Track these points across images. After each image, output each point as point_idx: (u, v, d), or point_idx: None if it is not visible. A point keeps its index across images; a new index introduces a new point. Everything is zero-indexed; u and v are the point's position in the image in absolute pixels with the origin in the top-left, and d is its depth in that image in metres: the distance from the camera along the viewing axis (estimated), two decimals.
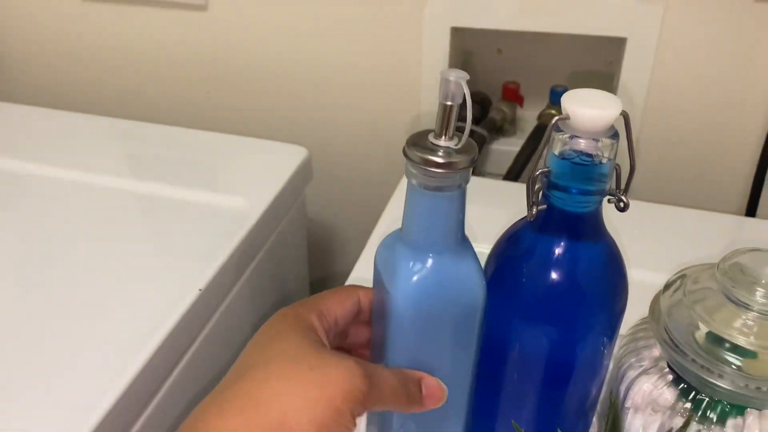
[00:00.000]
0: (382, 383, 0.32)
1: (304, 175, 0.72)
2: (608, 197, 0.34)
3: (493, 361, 0.39)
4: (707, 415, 0.36)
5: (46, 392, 0.45)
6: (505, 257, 0.37)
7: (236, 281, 0.61)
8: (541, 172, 0.33)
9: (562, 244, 0.35)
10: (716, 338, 0.36)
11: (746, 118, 0.69)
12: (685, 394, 0.37)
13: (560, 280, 0.35)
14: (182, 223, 0.62)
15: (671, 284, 0.39)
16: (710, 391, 0.36)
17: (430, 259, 0.33)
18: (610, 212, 0.36)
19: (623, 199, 0.34)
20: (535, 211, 0.34)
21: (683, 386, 0.37)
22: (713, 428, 0.36)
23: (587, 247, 0.36)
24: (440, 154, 0.31)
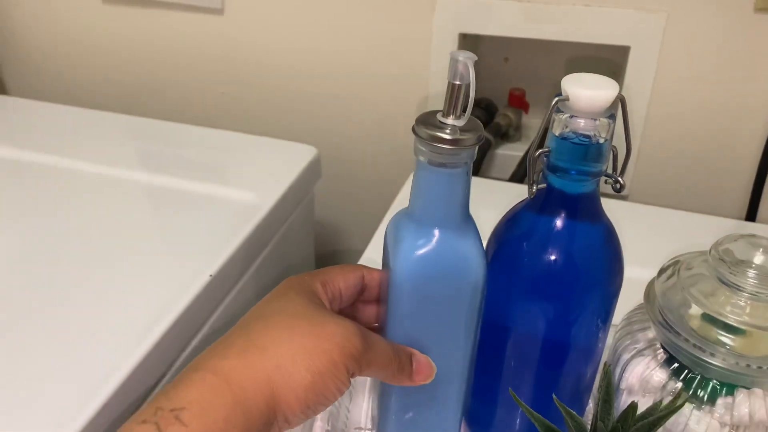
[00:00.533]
0: (376, 347, 0.34)
1: (313, 173, 0.74)
2: (605, 179, 0.36)
3: (491, 341, 0.40)
4: (698, 394, 0.37)
5: (62, 366, 0.47)
6: (505, 237, 0.38)
7: (244, 272, 0.62)
8: (541, 152, 0.35)
9: (560, 223, 0.36)
10: (710, 319, 0.37)
11: (746, 124, 0.71)
12: (676, 373, 0.38)
13: (558, 258, 0.37)
14: (194, 215, 0.63)
15: (665, 269, 0.40)
16: (702, 369, 0.37)
17: (432, 233, 0.34)
18: (611, 214, 0.38)
19: (619, 180, 0.36)
20: (535, 189, 0.36)
21: (675, 366, 0.38)
22: (704, 407, 0.37)
23: (585, 227, 0.37)
24: (447, 131, 0.32)
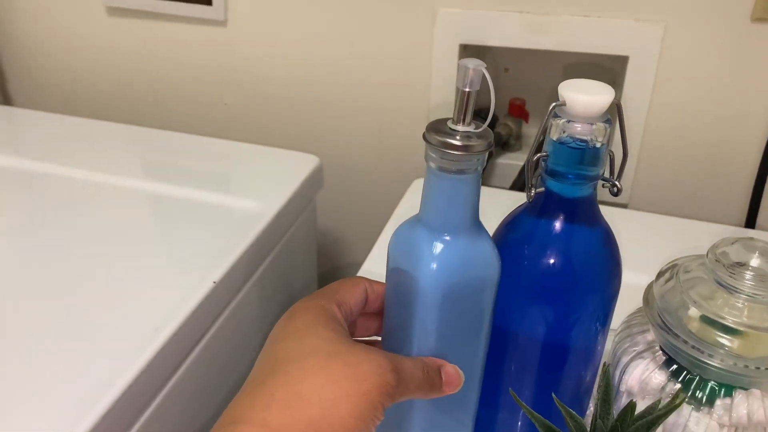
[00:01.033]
0: (408, 377, 0.34)
1: (315, 182, 0.74)
2: (602, 182, 0.37)
3: (492, 343, 0.40)
4: (696, 395, 0.38)
5: (67, 371, 0.47)
6: (505, 241, 0.39)
7: (247, 279, 0.63)
8: (539, 156, 0.36)
9: (558, 227, 0.37)
10: (708, 320, 0.38)
11: (745, 132, 0.71)
12: (675, 375, 0.38)
13: (557, 261, 0.37)
14: (198, 224, 0.64)
15: (664, 273, 0.41)
16: (700, 370, 0.37)
17: (450, 240, 0.35)
18: (611, 221, 0.38)
19: (617, 184, 0.36)
20: (533, 193, 0.36)
21: (674, 368, 0.39)
22: (702, 408, 0.37)
23: (583, 230, 0.38)
24: (458, 138, 0.33)
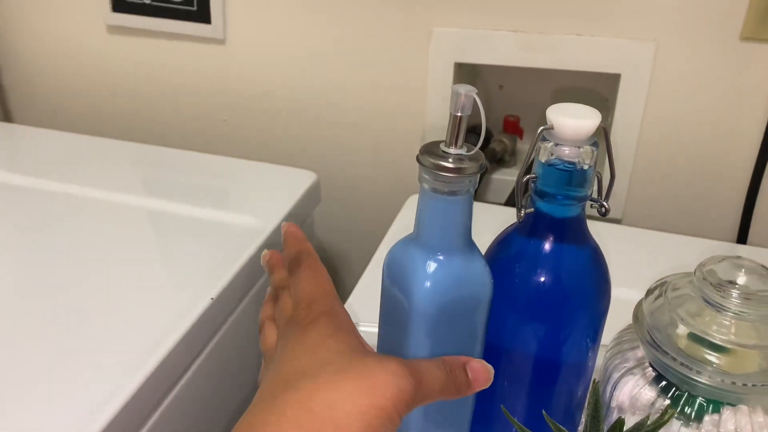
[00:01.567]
0: (429, 379, 0.33)
1: (312, 198, 0.75)
2: (590, 203, 0.37)
3: (485, 360, 0.41)
4: (685, 411, 0.38)
5: (62, 393, 0.47)
6: (496, 259, 0.40)
7: (245, 296, 0.63)
8: (528, 178, 0.37)
9: (548, 246, 0.38)
10: (696, 338, 0.38)
11: (735, 148, 0.72)
12: (665, 391, 0.39)
13: (547, 279, 0.38)
14: (196, 240, 0.65)
15: (653, 290, 0.42)
16: (689, 387, 0.38)
17: (443, 259, 0.36)
18: (604, 237, 0.39)
19: (604, 204, 0.37)
20: (523, 213, 0.37)
21: (663, 384, 0.39)
22: (691, 424, 0.38)
23: (572, 249, 0.38)
24: (450, 160, 0.34)
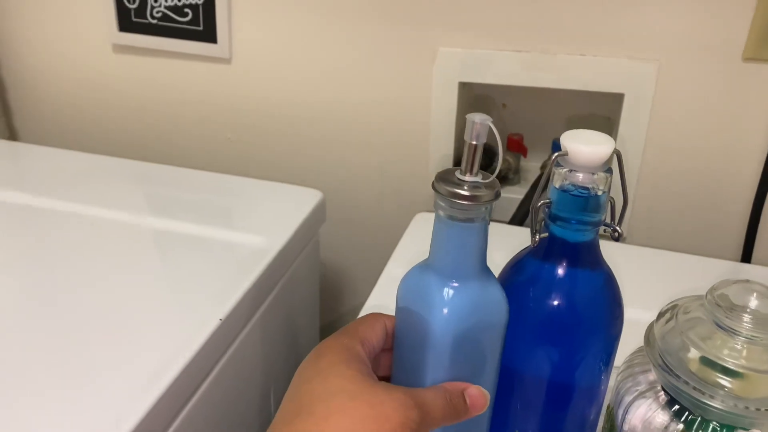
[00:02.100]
0: (431, 409, 0.35)
1: (318, 216, 0.75)
2: (603, 228, 0.38)
3: (499, 383, 0.41)
4: None
5: (69, 418, 0.47)
6: (510, 283, 0.40)
7: (252, 315, 0.63)
8: (543, 203, 0.37)
9: (562, 271, 0.38)
10: (708, 362, 0.38)
11: (739, 168, 0.73)
12: (678, 415, 0.39)
13: (561, 303, 0.38)
14: (203, 259, 0.65)
15: (664, 313, 0.42)
16: (702, 411, 0.38)
17: (460, 286, 0.36)
18: (614, 257, 0.39)
19: (617, 229, 0.38)
20: (538, 238, 0.37)
21: (676, 408, 0.39)
22: None
23: (586, 274, 0.39)
24: (466, 188, 0.34)
